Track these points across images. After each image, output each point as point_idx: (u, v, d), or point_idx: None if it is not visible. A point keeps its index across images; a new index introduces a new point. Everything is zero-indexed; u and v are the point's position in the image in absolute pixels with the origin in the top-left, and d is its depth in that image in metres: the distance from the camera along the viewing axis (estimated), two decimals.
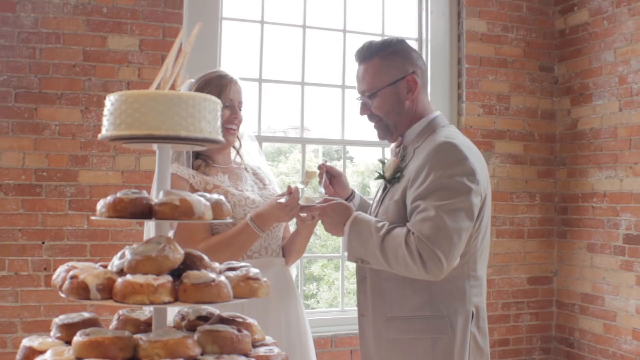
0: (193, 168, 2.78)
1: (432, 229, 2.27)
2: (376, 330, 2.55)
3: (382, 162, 2.66)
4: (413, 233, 2.31)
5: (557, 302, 5.26)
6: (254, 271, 1.72)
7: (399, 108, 2.55)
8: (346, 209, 2.53)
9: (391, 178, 2.55)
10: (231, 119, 2.79)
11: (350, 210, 2.52)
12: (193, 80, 2.84)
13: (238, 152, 3.00)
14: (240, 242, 2.61)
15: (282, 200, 2.57)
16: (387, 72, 2.54)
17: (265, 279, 1.72)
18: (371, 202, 2.83)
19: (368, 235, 2.41)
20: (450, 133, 2.50)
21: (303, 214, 2.65)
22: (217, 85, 2.77)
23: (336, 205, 2.54)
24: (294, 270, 3.05)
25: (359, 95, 2.63)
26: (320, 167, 2.82)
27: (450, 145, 2.39)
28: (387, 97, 2.55)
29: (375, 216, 2.58)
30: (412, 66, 2.56)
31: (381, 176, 2.63)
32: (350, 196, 2.86)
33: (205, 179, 2.74)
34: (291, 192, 2.58)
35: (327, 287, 10.10)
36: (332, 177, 2.84)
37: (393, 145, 2.69)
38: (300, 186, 2.64)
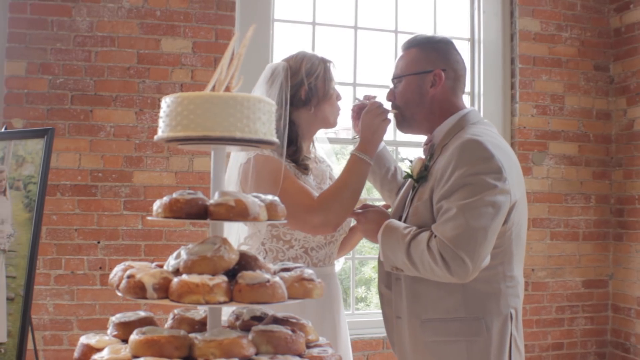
0: (287, 155, 2.68)
1: (454, 230, 2.22)
2: (412, 332, 2.49)
3: (410, 160, 2.65)
4: (435, 236, 2.26)
5: (612, 306, 5.15)
6: (308, 272, 1.72)
7: (419, 99, 2.55)
8: (380, 216, 2.52)
9: (419, 177, 2.51)
10: (338, 99, 2.84)
11: (384, 218, 2.50)
12: (284, 62, 2.73)
13: (312, 142, 2.97)
14: (355, 178, 2.54)
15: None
16: (418, 62, 2.55)
17: (319, 280, 1.72)
18: (392, 158, 2.98)
19: (396, 242, 2.38)
20: (478, 130, 2.44)
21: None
22: (323, 69, 2.74)
23: (370, 214, 2.55)
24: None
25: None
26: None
27: (474, 143, 2.33)
28: (410, 85, 2.56)
29: (406, 216, 2.53)
30: (446, 65, 2.53)
31: (409, 175, 2.59)
32: None
33: (296, 173, 2.67)
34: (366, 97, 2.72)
35: (377, 290, 10.06)
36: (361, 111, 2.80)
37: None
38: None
